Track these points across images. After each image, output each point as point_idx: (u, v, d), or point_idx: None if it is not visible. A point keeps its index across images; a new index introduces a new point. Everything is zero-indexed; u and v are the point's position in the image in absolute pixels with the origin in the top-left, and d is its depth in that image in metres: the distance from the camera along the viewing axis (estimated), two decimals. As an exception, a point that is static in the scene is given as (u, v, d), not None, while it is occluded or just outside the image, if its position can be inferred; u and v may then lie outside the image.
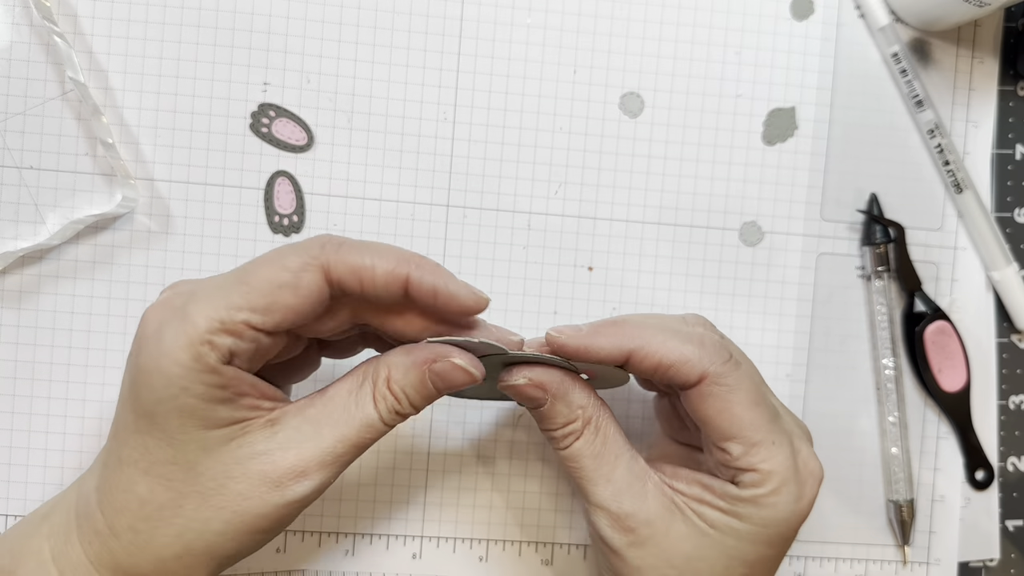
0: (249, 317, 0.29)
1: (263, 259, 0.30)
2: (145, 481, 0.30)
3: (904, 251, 0.42)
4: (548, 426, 0.33)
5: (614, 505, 0.32)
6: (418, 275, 0.30)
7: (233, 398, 0.29)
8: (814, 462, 0.33)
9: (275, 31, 0.40)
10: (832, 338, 0.43)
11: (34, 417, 0.40)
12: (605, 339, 0.32)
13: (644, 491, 0.32)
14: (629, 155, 0.42)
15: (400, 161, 0.41)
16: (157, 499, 0.30)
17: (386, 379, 0.31)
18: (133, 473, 0.30)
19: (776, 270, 0.43)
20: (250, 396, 0.30)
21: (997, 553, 0.44)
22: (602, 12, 0.42)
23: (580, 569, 0.42)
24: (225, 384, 0.29)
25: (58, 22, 0.39)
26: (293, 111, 0.41)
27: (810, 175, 0.43)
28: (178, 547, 0.30)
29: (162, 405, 0.29)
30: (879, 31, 0.42)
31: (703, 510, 0.32)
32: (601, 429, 0.33)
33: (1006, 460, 0.44)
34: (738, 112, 0.42)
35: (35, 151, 0.40)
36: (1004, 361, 0.44)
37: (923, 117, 0.42)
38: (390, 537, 0.41)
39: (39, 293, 0.40)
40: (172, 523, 0.30)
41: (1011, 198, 0.44)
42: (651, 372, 0.32)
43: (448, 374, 0.31)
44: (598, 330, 0.32)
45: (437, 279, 0.30)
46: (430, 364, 0.31)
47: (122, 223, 0.40)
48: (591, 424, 0.33)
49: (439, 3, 0.41)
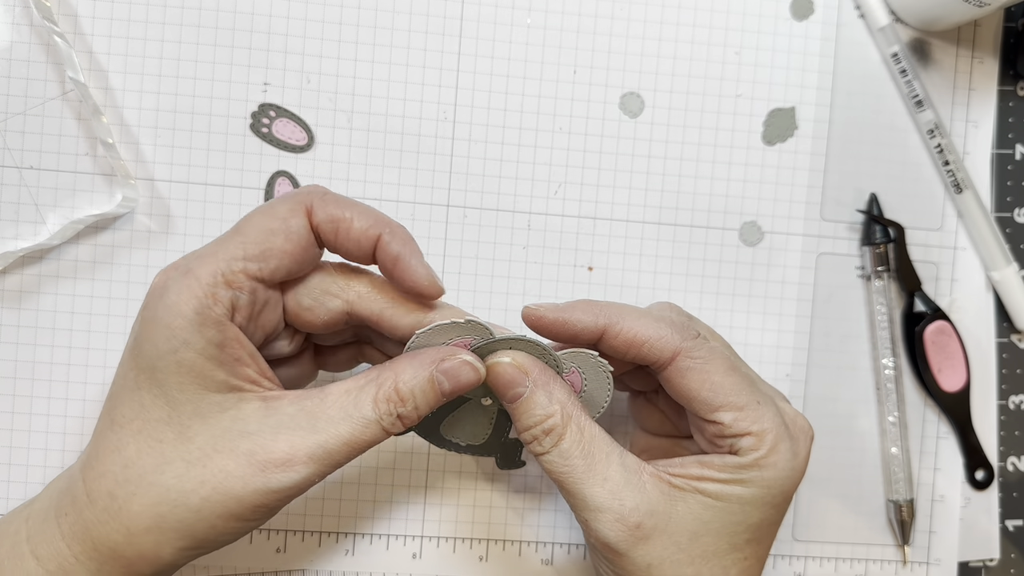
0: (246, 266, 0.30)
1: (255, 211, 0.31)
2: (135, 442, 0.30)
3: (904, 251, 0.42)
4: (527, 421, 0.32)
5: (615, 503, 0.31)
6: (388, 239, 0.31)
7: (232, 363, 0.30)
8: (802, 419, 0.34)
9: (275, 31, 0.40)
10: (832, 338, 0.43)
11: (34, 417, 0.40)
12: (581, 313, 0.33)
13: (641, 483, 0.32)
14: (629, 155, 0.42)
15: (400, 161, 0.41)
16: (142, 462, 0.30)
17: (393, 383, 0.31)
18: (124, 435, 0.30)
19: (776, 270, 0.43)
20: (249, 367, 0.31)
21: (997, 553, 0.44)
22: (602, 12, 0.42)
23: (580, 569, 0.42)
24: (224, 343, 0.30)
25: (58, 22, 0.39)
26: (293, 111, 0.41)
27: (810, 175, 0.43)
28: (150, 519, 0.30)
29: (163, 359, 0.29)
30: (879, 31, 0.42)
31: (705, 486, 0.32)
32: (585, 428, 0.32)
33: (1006, 460, 0.44)
34: (738, 112, 0.42)
35: (35, 151, 0.40)
36: (1004, 361, 0.44)
37: (923, 117, 0.42)
38: (390, 537, 0.41)
39: (39, 293, 0.40)
40: (150, 491, 0.30)
41: (1011, 198, 0.44)
42: (625, 349, 0.33)
43: (456, 371, 0.31)
44: (574, 305, 0.33)
45: (403, 248, 0.31)
46: (438, 364, 0.31)
47: (122, 223, 0.40)
48: (573, 422, 0.32)
49: (439, 3, 0.41)
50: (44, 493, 0.33)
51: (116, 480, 0.30)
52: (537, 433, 0.32)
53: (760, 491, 0.32)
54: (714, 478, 0.32)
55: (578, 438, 0.32)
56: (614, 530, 0.31)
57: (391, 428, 0.31)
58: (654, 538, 0.32)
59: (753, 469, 0.32)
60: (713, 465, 0.33)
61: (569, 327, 0.33)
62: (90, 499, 0.30)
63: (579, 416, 0.32)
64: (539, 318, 0.33)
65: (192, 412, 0.30)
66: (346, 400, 0.31)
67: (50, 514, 0.31)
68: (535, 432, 0.32)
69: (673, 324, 0.33)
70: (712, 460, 0.33)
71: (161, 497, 0.30)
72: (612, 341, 0.33)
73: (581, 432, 0.32)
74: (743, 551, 0.33)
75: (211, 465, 0.30)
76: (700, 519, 0.32)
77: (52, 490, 0.32)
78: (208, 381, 0.30)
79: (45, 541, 0.31)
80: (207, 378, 0.30)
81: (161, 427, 0.30)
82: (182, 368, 0.30)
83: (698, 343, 0.33)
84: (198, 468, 0.30)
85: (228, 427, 0.30)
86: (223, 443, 0.30)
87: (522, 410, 0.32)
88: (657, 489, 0.32)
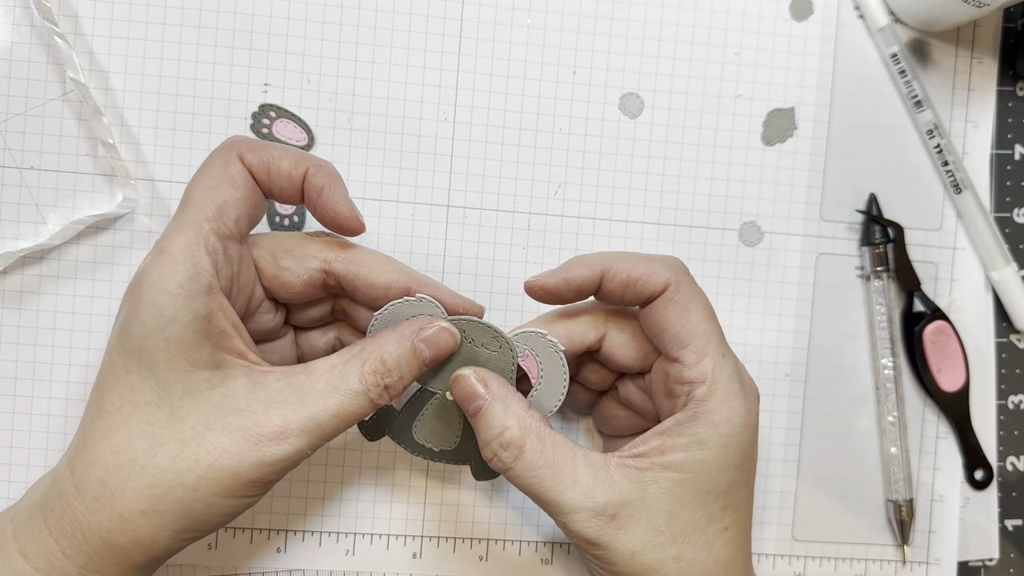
0: (211, 226, 0.31)
1: (193, 178, 0.32)
2: (124, 427, 0.30)
3: (903, 251, 0.42)
4: (486, 435, 0.33)
5: (589, 502, 0.32)
6: (314, 171, 0.33)
7: (219, 336, 0.31)
8: (752, 381, 0.35)
9: (275, 32, 0.40)
10: (831, 338, 0.43)
11: (35, 417, 0.40)
12: (579, 268, 0.34)
13: (610, 476, 0.32)
14: (629, 155, 0.42)
15: (400, 161, 0.41)
16: (134, 447, 0.30)
17: (379, 355, 0.32)
18: (113, 421, 0.31)
19: (775, 270, 0.43)
20: (235, 339, 0.31)
21: (996, 553, 0.44)
22: (602, 13, 0.42)
23: (580, 569, 0.42)
24: (210, 315, 0.30)
25: (59, 23, 0.39)
26: (294, 112, 0.41)
27: (809, 175, 0.43)
28: (145, 503, 0.30)
29: (151, 338, 0.30)
30: (878, 32, 0.42)
31: (668, 458, 0.33)
32: (545, 437, 0.33)
33: (1005, 460, 0.44)
34: (738, 112, 0.42)
35: (36, 151, 0.40)
36: (1003, 361, 0.44)
37: (922, 117, 0.42)
38: (390, 537, 0.41)
39: (40, 293, 0.40)
40: (143, 475, 0.30)
41: (1010, 198, 0.44)
42: (622, 291, 0.34)
43: (436, 338, 0.33)
44: (569, 264, 0.34)
45: (329, 181, 0.33)
46: (418, 334, 0.33)
47: (123, 223, 0.40)
48: (532, 434, 0.32)
49: (439, 3, 0.41)
50: (29, 492, 0.33)
51: (107, 467, 0.30)
52: (496, 448, 0.33)
53: (719, 451, 0.33)
54: (674, 447, 0.33)
55: (539, 448, 0.32)
56: (592, 526, 0.32)
57: (378, 399, 0.32)
58: (632, 525, 0.32)
59: (706, 424, 0.32)
60: (670, 432, 0.33)
61: (571, 284, 0.34)
62: (79, 490, 0.30)
63: (538, 427, 0.33)
64: (541, 286, 0.34)
65: (182, 391, 0.30)
66: (332, 374, 0.32)
67: (36, 511, 0.31)
68: (494, 447, 0.33)
69: (664, 261, 0.34)
70: (669, 426, 0.33)
71: (156, 479, 0.30)
72: (609, 284, 0.34)
73: (542, 442, 0.33)
74: (721, 521, 0.33)
75: (205, 443, 0.30)
76: (672, 495, 0.32)
77: (37, 488, 0.32)
78: (196, 357, 0.30)
79: (32, 539, 0.31)
80: (195, 353, 0.30)
81: (151, 409, 0.30)
82: (171, 345, 0.30)
83: (687, 280, 0.34)
84: (192, 447, 0.30)
85: (218, 404, 0.31)
86: (215, 420, 0.30)
87: (482, 424, 0.33)
88: (626, 478, 0.32)
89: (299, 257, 0.34)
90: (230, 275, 0.32)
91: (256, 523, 0.41)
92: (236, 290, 0.33)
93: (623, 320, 0.36)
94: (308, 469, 0.41)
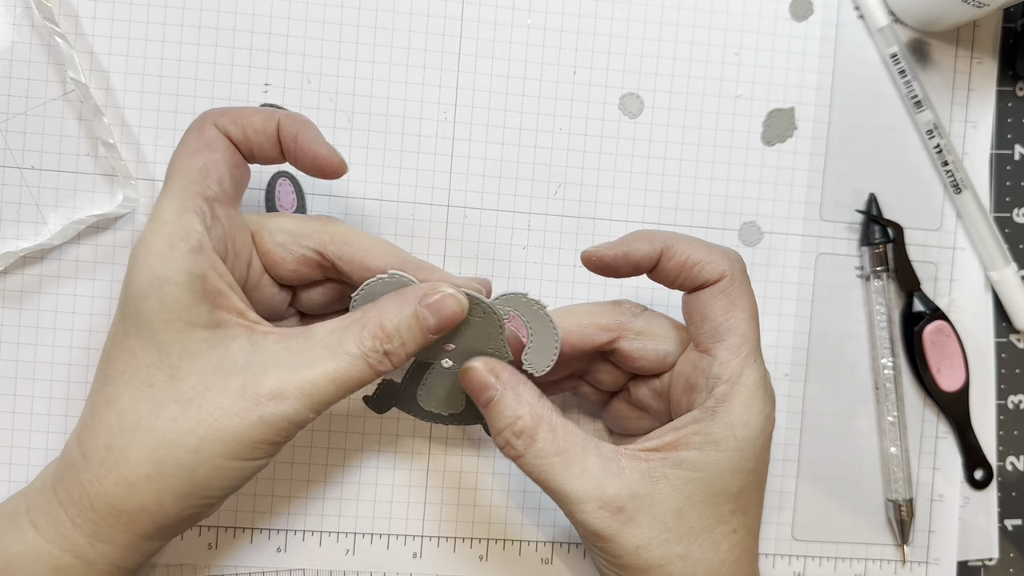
0: (195, 188, 0.31)
1: (173, 155, 0.33)
2: (127, 391, 0.30)
3: (903, 251, 0.42)
4: (498, 424, 0.33)
5: (597, 492, 0.32)
6: (286, 120, 0.33)
7: (214, 295, 0.31)
8: (773, 391, 0.35)
9: (276, 32, 0.40)
10: (831, 338, 0.43)
11: (35, 417, 0.40)
12: (639, 243, 0.34)
13: (620, 468, 0.32)
14: (629, 155, 0.42)
15: (400, 161, 0.41)
16: (136, 409, 0.30)
17: (379, 320, 0.32)
18: (116, 387, 0.31)
19: (775, 270, 0.43)
20: (231, 298, 0.31)
21: (996, 552, 0.44)
22: (602, 13, 0.42)
23: (580, 569, 0.42)
24: (204, 274, 0.30)
25: (59, 23, 0.39)
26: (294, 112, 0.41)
27: (809, 175, 0.43)
28: (149, 466, 0.30)
29: (147, 299, 0.30)
30: (878, 32, 0.42)
31: (681, 456, 0.33)
32: (557, 426, 0.33)
33: (1005, 459, 0.44)
34: (737, 112, 0.42)
35: (36, 151, 0.40)
36: (1003, 361, 0.44)
37: (922, 117, 0.42)
38: (390, 537, 0.41)
39: (40, 293, 0.40)
40: (147, 437, 0.30)
41: (1010, 198, 0.44)
42: (677, 271, 0.34)
43: (440, 304, 0.32)
44: (630, 237, 0.34)
45: (301, 127, 0.33)
46: (421, 300, 0.32)
47: (123, 223, 0.40)
48: (544, 422, 0.33)
49: (439, 3, 0.41)
50: (45, 469, 0.33)
51: (111, 432, 0.30)
52: (508, 436, 0.33)
53: (734, 454, 0.32)
54: (689, 444, 0.33)
55: (551, 436, 0.32)
56: (599, 517, 0.32)
57: (378, 366, 0.32)
58: (639, 519, 0.32)
59: (723, 425, 0.32)
60: (686, 428, 0.33)
61: (630, 257, 0.34)
62: (86, 458, 0.30)
63: (550, 416, 0.33)
64: (600, 257, 0.34)
65: (181, 352, 0.30)
66: (330, 339, 0.32)
67: (47, 484, 0.32)
68: (506, 436, 0.33)
69: (725, 252, 0.34)
70: (685, 422, 0.33)
71: (158, 441, 0.30)
72: (667, 264, 0.34)
73: (554, 431, 0.33)
74: (730, 523, 0.33)
75: (205, 404, 0.30)
76: (682, 493, 0.32)
77: (50, 466, 0.33)
78: (193, 316, 0.30)
79: (43, 511, 0.31)
80: (192, 312, 0.30)
81: (152, 371, 0.30)
82: (166, 305, 0.30)
83: (743, 277, 0.34)
84: (193, 408, 0.30)
85: (217, 364, 0.30)
86: (214, 380, 0.30)
87: (494, 413, 0.33)
88: (637, 471, 0.32)
89: (294, 235, 0.34)
90: (222, 235, 0.32)
91: (256, 523, 0.41)
92: (232, 253, 0.33)
93: (642, 320, 0.36)
94: (308, 469, 0.41)
